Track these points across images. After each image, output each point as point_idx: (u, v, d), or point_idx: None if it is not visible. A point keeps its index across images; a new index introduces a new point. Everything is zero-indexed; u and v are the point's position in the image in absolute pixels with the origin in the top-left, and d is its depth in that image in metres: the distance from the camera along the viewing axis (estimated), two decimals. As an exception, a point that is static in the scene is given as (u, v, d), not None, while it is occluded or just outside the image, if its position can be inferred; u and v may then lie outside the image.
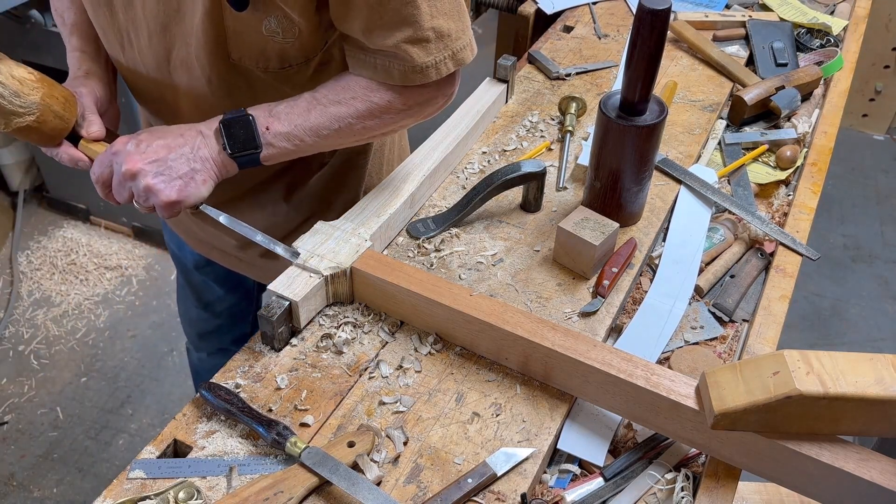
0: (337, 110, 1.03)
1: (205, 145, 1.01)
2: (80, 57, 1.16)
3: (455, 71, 1.04)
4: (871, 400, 0.78)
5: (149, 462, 0.87)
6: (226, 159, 1.02)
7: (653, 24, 1.01)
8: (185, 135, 1.01)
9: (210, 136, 1.02)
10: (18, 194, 2.94)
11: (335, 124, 1.03)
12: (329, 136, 1.04)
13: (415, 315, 1.04)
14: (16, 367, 2.45)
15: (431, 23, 0.98)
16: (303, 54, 1.06)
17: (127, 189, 1.00)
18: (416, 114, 1.08)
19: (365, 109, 1.04)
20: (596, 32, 1.72)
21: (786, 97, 1.46)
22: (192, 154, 1.00)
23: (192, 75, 1.07)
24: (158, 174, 0.98)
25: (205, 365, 1.77)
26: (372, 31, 0.98)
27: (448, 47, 1.01)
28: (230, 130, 1.00)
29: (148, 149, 0.99)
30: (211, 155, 1.01)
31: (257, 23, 0.99)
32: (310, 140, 1.04)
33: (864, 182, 3.36)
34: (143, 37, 1.05)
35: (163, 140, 1.00)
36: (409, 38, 0.98)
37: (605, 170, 1.14)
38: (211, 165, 1.02)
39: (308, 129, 1.03)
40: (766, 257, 1.19)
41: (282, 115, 1.02)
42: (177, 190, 0.99)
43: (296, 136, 1.03)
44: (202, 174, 1.01)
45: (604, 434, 0.95)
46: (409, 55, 0.99)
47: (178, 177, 0.99)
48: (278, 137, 1.02)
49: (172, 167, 0.99)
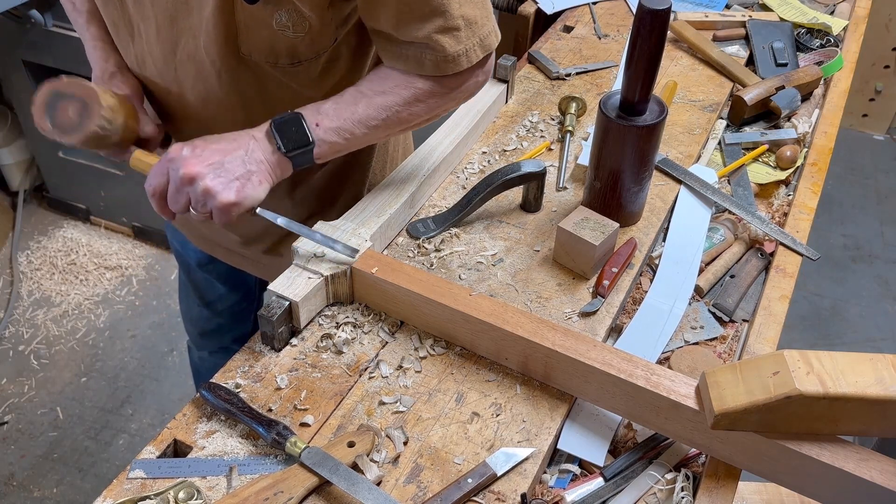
0: (383, 100, 1.04)
1: (258, 148, 1.01)
2: (103, 48, 1.16)
3: (488, 53, 1.05)
4: (871, 400, 0.78)
5: (149, 462, 0.87)
6: (280, 159, 1.02)
7: (653, 24, 1.01)
8: (238, 139, 1.01)
9: (262, 139, 1.02)
10: (18, 194, 2.94)
11: (383, 114, 1.04)
12: (378, 126, 1.05)
13: (415, 315, 1.04)
14: (16, 367, 2.45)
15: (460, 11, 0.99)
16: (312, 50, 1.06)
17: (184, 195, 0.99)
18: (459, 96, 1.09)
19: (410, 96, 1.04)
20: (596, 32, 1.72)
21: (786, 97, 1.46)
22: (248, 156, 1.00)
23: (200, 69, 1.07)
24: (217, 176, 0.98)
25: (206, 364, 1.77)
26: (402, 24, 0.98)
27: (476, 34, 1.02)
28: (282, 130, 1.01)
29: (203, 153, 0.98)
30: (265, 157, 1.02)
31: (268, 17, 0.99)
32: (359, 132, 1.04)
33: (864, 182, 3.36)
34: (151, 29, 1.06)
35: (217, 145, 1.00)
36: (440, 27, 0.98)
37: (605, 170, 1.14)
38: (266, 167, 1.02)
39: (357, 121, 1.04)
40: (766, 257, 1.19)
41: (330, 112, 1.03)
42: (235, 191, 0.98)
43: (346, 129, 1.03)
44: (258, 175, 1.01)
45: (604, 434, 0.95)
46: (440, 45, 0.99)
47: (235, 178, 0.99)
48: (329, 132, 1.03)
49: (229, 169, 0.99)
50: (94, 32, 1.16)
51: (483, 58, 1.05)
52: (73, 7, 1.18)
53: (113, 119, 1.04)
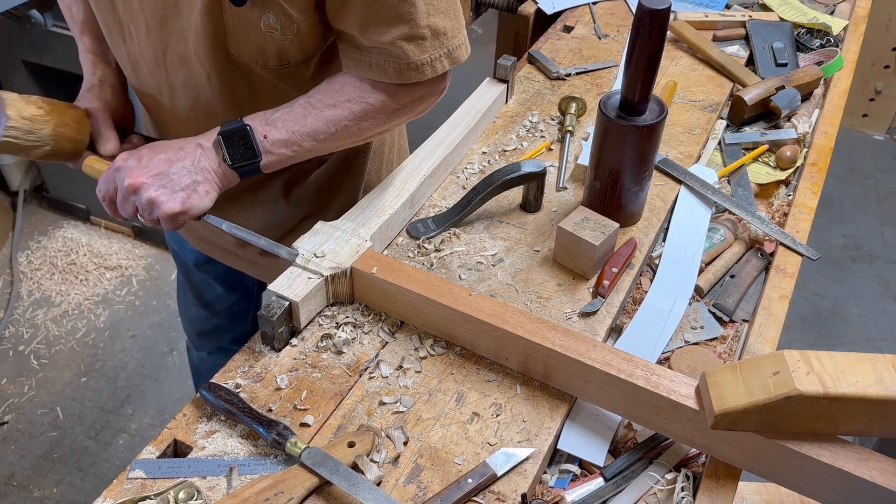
0: (332, 113, 1.04)
1: (205, 157, 1.02)
2: (93, 60, 1.17)
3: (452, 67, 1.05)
4: (871, 400, 0.78)
5: (149, 462, 0.87)
6: (227, 170, 1.03)
7: (653, 24, 1.01)
8: (185, 148, 1.02)
9: (209, 149, 1.02)
10: (18, 194, 2.94)
11: (332, 127, 1.04)
12: (326, 139, 1.05)
13: (415, 315, 1.04)
14: (16, 367, 2.45)
15: (427, 20, 0.98)
16: (302, 52, 1.06)
17: (131, 203, 1.01)
18: (409, 112, 1.09)
19: (360, 111, 1.04)
20: (596, 32, 1.72)
21: (786, 97, 1.46)
22: (194, 166, 1.01)
23: (189, 71, 1.07)
24: (161, 187, 0.99)
25: (205, 364, 1.77)
26: (368, 28, 0.98)
27: (444, 45, 1.01)
28: (229, 142, 1.01)
29: (149, 163, 1.00)
30: (212, 166, 1.02)
31: (256, 19, 0.99)
32: (308, 145, 1.04)
33: (864, 182, 3.36)
34: (141, 32, 1.06)
35: (164, 154, 1.01)
36: (405, 34, 0.98)
37: (605, 170, 1.14)
38: (212, 176, 1.02)
39: (305, 134, 1.03)
40: (766, 257, 1.19)
41: (279, 123, 1.03)
42: (180, 202, 0.99)
43: (294, 141, 1.03)
44: (205, 185, 1.01)
45: (604, 434, 0.95)
46: (404, 52, 0.99)
47: (180, 189, 1.00)
48: (276, 145, 1.03)
49: (174, 180, 1.00)
50: (87, 44, 1.17)
51: (443, 74, 1.05)
52: (71, 16, 1.19)
53: (32, 129, 1.04)
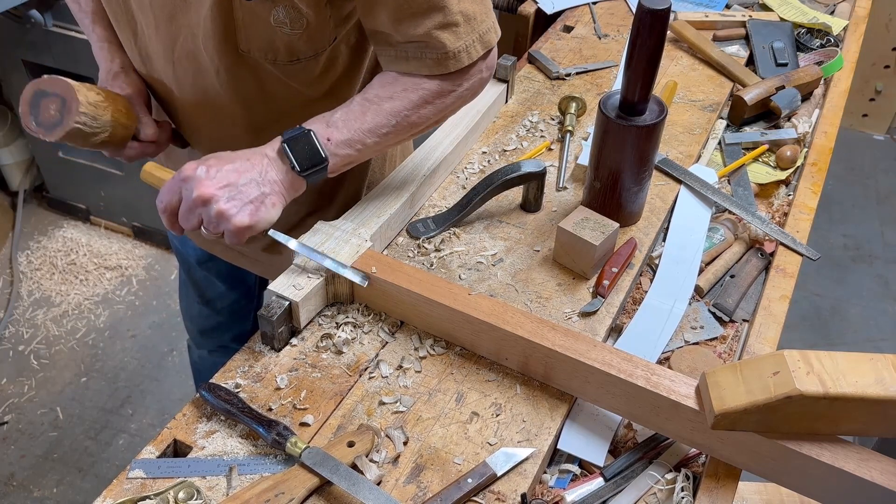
0: (391, 106, 1.03)
1: (272, 168, 1.00)
2: (110, 49, 1.16)
3: (489, 49, 1.04)
4: (871, 400, 0.78)
5: (149, 462, 0.87)
6: (295, 178, 1.01)
7: (653, 24, 1.01)
8: (252, 159, 1.00)
9: (275, 158, 1.01)
10: (18, 194, 2.94)
11: (392, 120, 1.03)
12: (389, 133, 1.04)
13: (415, 315, 1.03)
14: (16, 367, 2.45)
15: (459, 6, 0.98)
16: (311, 47, 1.06)
17: (197, 216, 0.98)
18: (466, 94, 1.07)
19: (419, 98, 1.03)
20: (596, 32, 1.72)
21: (786, 97, 1.46)
22: (261, 178, 0.99)
23: (198, 67, 1.07)
24: (231, 199, 0.96)
25: (205, 363, 1.77)
26: (401, 21, 0.98)
27: (475, 30, 1.01)
28: (294, 149, 0.99)
29: (218, 174, 0.97)
30: (279, 177, 1.00)
31: (266, 13, 0.99)
32: (371, 141, 1.03)
33: (864, 182, 3.36)
34: (150, 27, 1.06)
35: (232, 165, 0.98)
36: (440, 24, 0.98)
37: (605, 170, 1.14)
38: (280, 188, 1.01)
39: (367, 130, 1.02)
40: (766, 257, 1.19)
41: (339, 123, 1.02)
42: (248, 214, 0.97)
43: (357, 140, 1.02)
44: (272, 197, 1.00)
45: (604, 434, 0.95)
46: (440, 41, 0.99)
47: (249, 201, 0.97)
48: (341, 146, 1.02)
49: (243, 192, 0.97)
50: (101, 33, 1.16)
51: (484, 53, 1.04)
52: (80, 7, 1.18)
53: (97, 115, 1.03)
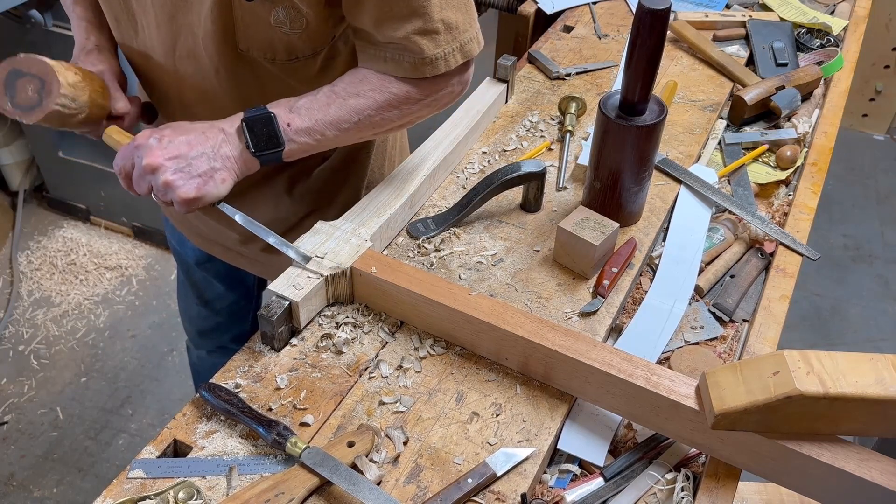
0: (356, 103, 1.03)
1: (227, 143, 1.01)
2: (87, 27, 1.16)
3: (468, 60, 1.05)
4: (871, 400, 0.78)
5: (149, 462, 0.87)
6: (248, 157, 1.02)
7: (653, 24, 1.01)
8: (208, 132, 1.01)
9: (232, 135, 1.02)
10: (18, 194, 2.94)
11: (355, 117, 1.04)
12: (349, 129, 1.05)
13: (415, 315, 1.03)
14: (16, 367, 2.45)
15: (441, 14, 0.99)
16: (310, 47, 1.06)
17: (146, 182, 1.00)
18: (433, 104, 1.08)
19: (384, 101, 1.04)
20: (596, 32, 1.72)
21: (786, 97, 1.46)
22: (214, 152, 1.00)
23: (198, 66, 1.07)
24: (178, 170, 0.98)
25: (204, 363, 1.77)
26: (382, 23, 0.99)
27: (456, 39, 1.02)
28: (253, 129, 1.01)
29: (170, 145, 0.99)
30: (233, 153, 1.02)
31: (266, 13, 0.99)
32: (330, 134, 1.04)
33: (864, 182, 3.36)
34: (151, 25, 1.06)
35: (185, 136, 1.00)
36: (419, 29, 0.98)
37: (605, 170, 1.14)
38: (232, 164, 1.02)
39: (328, 123, 1.03)
40: (766, 257, 1.19)
41: (302, 111, 1.03)
42: (195, 187, 0.99)
43: (317, 130, 1.03)
44: (222, 173, 1.01)
45: (604, 434, 0.95)
46: (418, 47, 0.99)
47: (197, 175, 0.99)
48: (300, 133, 1.03)
49: (193, 164, 0.99)
50: (80, 13, 1.17)
51: (462, 65, 1.05)
52: None
53: (75, 96, 1.03)
